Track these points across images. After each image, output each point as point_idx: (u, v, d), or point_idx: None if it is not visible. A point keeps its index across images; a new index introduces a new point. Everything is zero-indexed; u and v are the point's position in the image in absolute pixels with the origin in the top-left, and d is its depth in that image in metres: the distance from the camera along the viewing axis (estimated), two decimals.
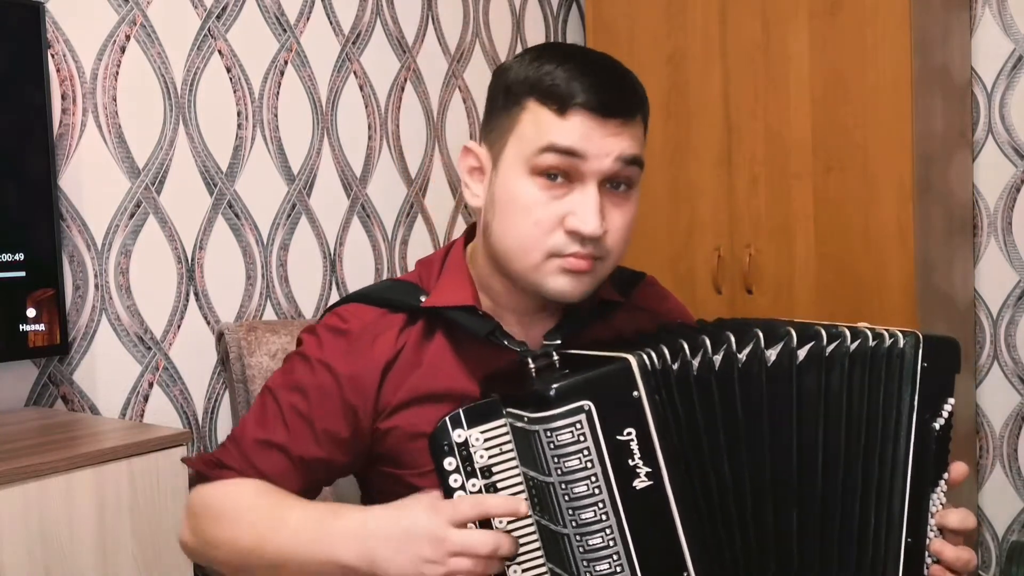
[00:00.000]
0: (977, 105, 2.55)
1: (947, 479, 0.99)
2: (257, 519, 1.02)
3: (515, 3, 2.79)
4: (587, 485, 0.86)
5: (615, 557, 0.87)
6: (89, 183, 1.83)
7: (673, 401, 0.91)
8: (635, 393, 0.88)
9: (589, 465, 0.86)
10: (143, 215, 1.92)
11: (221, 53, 2.05)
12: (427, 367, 1.09)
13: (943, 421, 0.98)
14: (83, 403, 1.82)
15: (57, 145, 1.77)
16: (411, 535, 0.90)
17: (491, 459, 0.92)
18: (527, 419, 0.88)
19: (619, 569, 0.87)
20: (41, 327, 1.64)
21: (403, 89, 2.45)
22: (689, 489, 0.90)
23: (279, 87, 2.16)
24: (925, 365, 0.96)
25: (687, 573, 0.89)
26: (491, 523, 0.91)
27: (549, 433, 0.86)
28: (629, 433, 0.87)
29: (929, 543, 0.98)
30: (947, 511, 0.99)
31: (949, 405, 0.98)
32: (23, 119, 1.63)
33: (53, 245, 1.66)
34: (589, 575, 0.87)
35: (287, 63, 2.18)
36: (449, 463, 0.92)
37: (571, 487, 0.86)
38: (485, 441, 0.92)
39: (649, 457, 0.88)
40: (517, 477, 0.92)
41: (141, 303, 1.91)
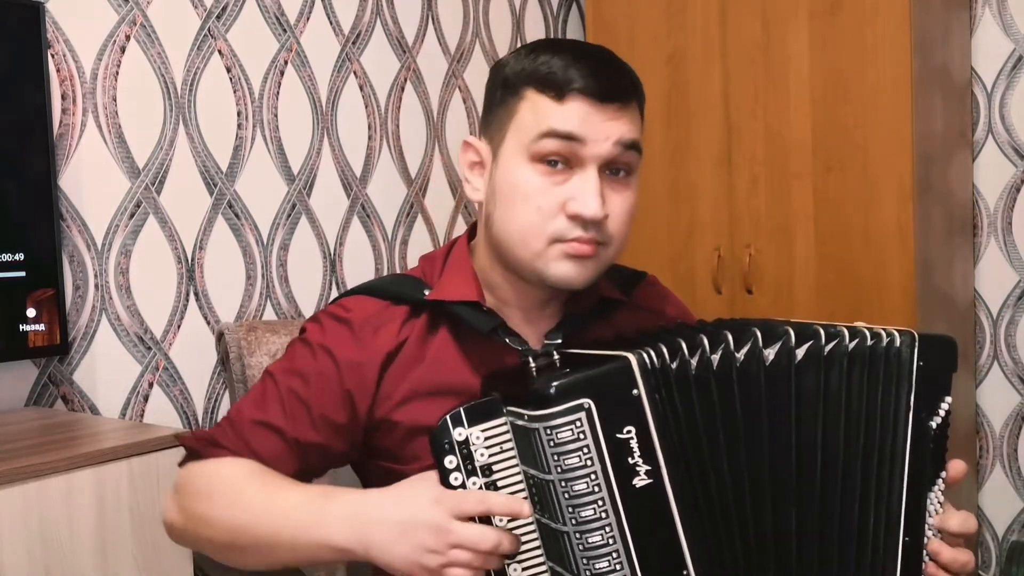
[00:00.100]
0: (977, 105, 2.55)
1: (945, 478, 0.99)
2: (251, 498, 1.00)
3: (515, 3, 2.79)
4: (587, 483, 0.86)
5: (615, 555, 0.87)
6: (89, 183, 1.83)
7: (672, 400, 0.91)
8: (635, 391, 0.88)
9: (589, 463, 0.86)
10: (143, 215, 1.92)
11: (221, 53, 2.05)
12: (430, 362, 1.09)
13: (940, 420, 0.98)
14: (83, 403, 1.82)
15: (57, 145, 1.77)
16: (413, 523, 0.90)
17: (491, 458, 0.92)
18: (527, 417, 0.88)
19: (619, 567, 0.87)
20: (41, 327, 1.64)
21: (403, 89, 2.45)
22: (688, 488, 0.90)
23: (279, 87, 2.17)
24: (921, 364, 0.96)
25: (686, 571, 0.89)
26: (491, 520, 0.91)
27: (549, 431, 0.86)
28: (629, 431, 0.88)
29: (927, 542, 0.98)
30: (948, 515, 0.99)
31: (946, 404, 0.98)
32: (23, 119, 1.63)
33: (53, 245, 1.66)
34: (589, 573, 0.87)
35: (287, 63, 2.18)
36: (450, 461, 0.92)
37: (571, 485, 0.86)
38: (486, 440, 0.92)
39: (649, 455, 0.88)
40: (517, 476, 0.92)
41: (141, 303, 1.91)
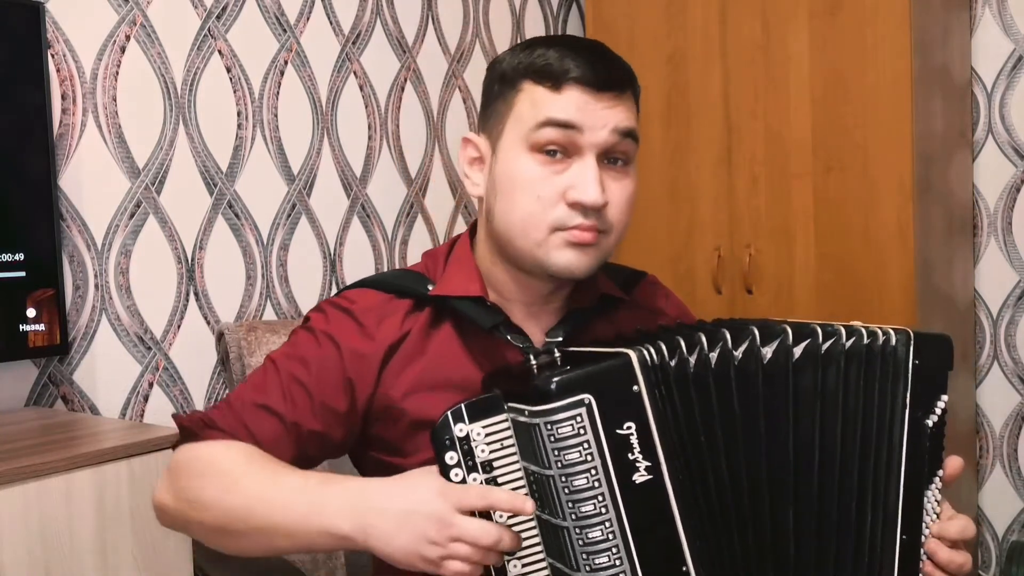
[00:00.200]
0: (977, 105, 2.55)
1: (942, 476, 0.99)
2: (248, 482, 0.98)
3: (515, 3, 2.79)
4: (587, 478, 0.86)
5: (615, 550, 0.87)
6: (89, 183, 1.83)
7: (672, 397, 0.91)
8: (635, 388, 0.89)
9: (589, 458, 0.86)
10: (143, 215, 1.92)
11: (221, 53, 2.05)
12: (432, 356, 1.09)
13: (936, 418, 0.98)
14: (83, 403, 1.82)
15: (57, 145, 1.77)
16: (416, 514, 0.89)
17: (492, 454, 0.93)
18: (528, 412, 0.88)
19: (618, 562, 0.87)
20: (41, 327, 1.64)
21: (403, 89, 2.45)
22: (688, 485, 0.90)
23: (279, 87, 2.17)
24: (916, 363, 0.96)
25: (686, 567, 0.89)
26: (491, 515, 0.91)
27: (549, 426, 0.87)
28: (629, 427, 0.88)
29: (925, 541, 0.98)
30: (947, 522, 0.99)
31: (942, 402, 0.98)
32: (23, 119, 1.63)
33: (53, 245, 1.66)
34: (589, 568, 0.87)
35: (287, 63, 2.18)
36: (451, 457, 0.92)
37: (571, 480, 0.87)
38: (486, 436, 0.92)
39: (649, 451, 0.88)
40: (517, 472, 0.93)
41: (141, 303, 1.91)
